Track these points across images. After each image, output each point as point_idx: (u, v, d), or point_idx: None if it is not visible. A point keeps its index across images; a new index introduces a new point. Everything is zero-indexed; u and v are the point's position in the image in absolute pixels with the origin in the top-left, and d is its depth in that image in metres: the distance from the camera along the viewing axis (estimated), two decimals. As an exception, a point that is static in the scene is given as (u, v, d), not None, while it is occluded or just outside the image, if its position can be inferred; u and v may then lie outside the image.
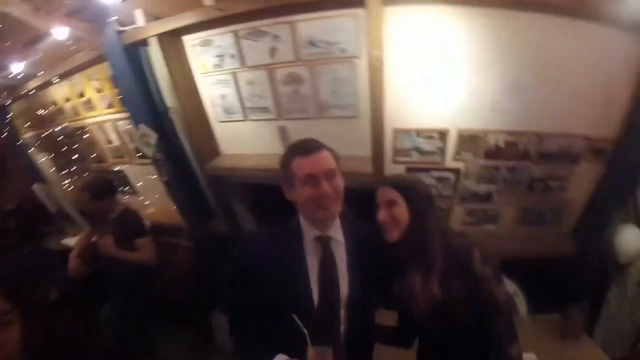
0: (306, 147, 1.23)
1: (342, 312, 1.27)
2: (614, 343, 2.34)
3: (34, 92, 3.45)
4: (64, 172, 4.01)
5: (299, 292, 1.22)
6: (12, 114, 4.05)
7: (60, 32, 2.18)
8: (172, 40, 2.37)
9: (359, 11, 1.92)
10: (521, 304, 2.76)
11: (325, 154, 1.23)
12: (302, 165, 1.20)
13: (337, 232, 1.28)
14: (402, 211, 1.27)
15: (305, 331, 1.09)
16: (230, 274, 1.39)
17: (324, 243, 1.25)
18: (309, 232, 1.25)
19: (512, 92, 2.05)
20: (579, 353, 2.25)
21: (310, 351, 1.09)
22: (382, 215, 1.29)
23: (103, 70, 2.80)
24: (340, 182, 1.23)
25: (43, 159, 4.17)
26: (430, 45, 1.98)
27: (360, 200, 1.36)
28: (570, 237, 2.60)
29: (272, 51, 2.20)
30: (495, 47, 1.97)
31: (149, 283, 2.71)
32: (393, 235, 1.28)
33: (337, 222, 1.29)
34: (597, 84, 2.03)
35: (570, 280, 2.45)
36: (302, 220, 1.27)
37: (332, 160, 1.23)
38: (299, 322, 1.09)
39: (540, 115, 2.13)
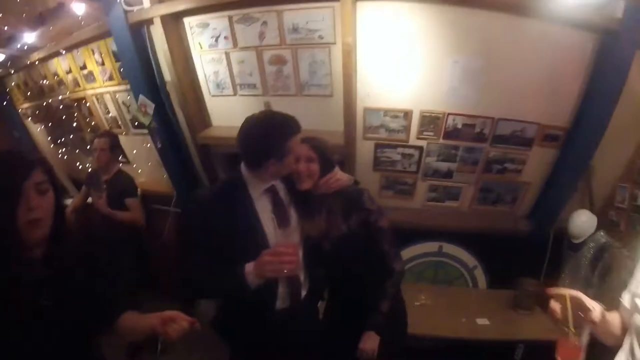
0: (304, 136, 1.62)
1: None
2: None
3: (37, 64, 3.76)
4: (59, 142, 4.35)
5: (255, 228, 1.56)
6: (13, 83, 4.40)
7: (78, 8, 2.55)
8: (173, 21, 2.69)
9: (336, 4, 2.32)
10: (480, 278, 3.19)
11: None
12: (298, 146, 1.58)
13: (278, 184, 1.67)
14: (316, 167, 1.69)
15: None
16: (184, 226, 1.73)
17: (273, 192, 1.63)
18: (257, 185, 1.58)
19: (466, 80, 2.45)
20: (530, 322, 2.56)
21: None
22: (302, 166, 1.66)
23: (105, 45, 3.13)
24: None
25: (39, 129, 4.53)
26: (395, 35, 2.37)
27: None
28: (526, 217, 2.94)
29: (261, 35, 2.56)
30: (452, 39, 2.35)
31: (140, 246, 3.06)
32: (307, 184, 1.68)
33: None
34: (546, 76, 2.39)
35: (524, 256, 2.79)
36: (248, 175, 1.57)
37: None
38: None
39: (493, 102, 2.51)
